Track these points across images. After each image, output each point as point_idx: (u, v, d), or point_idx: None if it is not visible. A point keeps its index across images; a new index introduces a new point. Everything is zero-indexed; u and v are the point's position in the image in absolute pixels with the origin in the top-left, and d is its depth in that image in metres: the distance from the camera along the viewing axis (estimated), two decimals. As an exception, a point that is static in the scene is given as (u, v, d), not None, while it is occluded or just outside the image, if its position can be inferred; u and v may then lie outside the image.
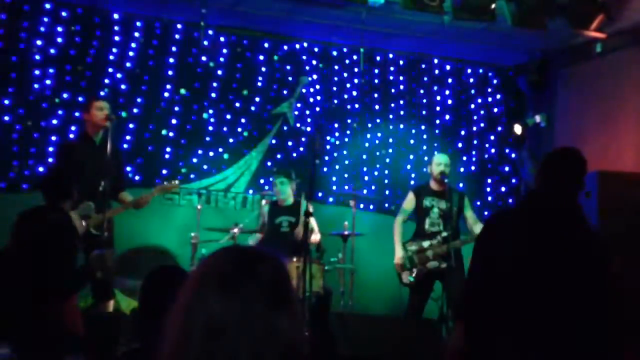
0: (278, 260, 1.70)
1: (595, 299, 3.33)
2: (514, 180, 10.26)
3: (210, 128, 9.21)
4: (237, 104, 9.33)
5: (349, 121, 9.81)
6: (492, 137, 10.36)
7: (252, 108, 9.41)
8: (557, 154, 3.90)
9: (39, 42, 8.54)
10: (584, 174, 3.64)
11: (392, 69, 10.10)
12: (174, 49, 9.12)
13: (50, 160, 8.32)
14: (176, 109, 9.07)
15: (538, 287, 3.28)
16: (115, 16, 8.88)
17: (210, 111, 9.20)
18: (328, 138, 9.66)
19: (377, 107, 9.98)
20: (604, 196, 7.22)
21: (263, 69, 9.52)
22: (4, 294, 4.84)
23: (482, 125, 10.37)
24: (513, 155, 10.28)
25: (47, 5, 8.61)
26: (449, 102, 10.31)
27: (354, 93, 9.88)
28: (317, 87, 9.74)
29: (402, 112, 10.08)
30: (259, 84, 9.49)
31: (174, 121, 9.04)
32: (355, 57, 9.82)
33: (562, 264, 3.33)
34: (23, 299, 4.74)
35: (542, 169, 3.76)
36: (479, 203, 9.64)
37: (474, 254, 3.73)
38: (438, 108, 10.26)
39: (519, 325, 3.27)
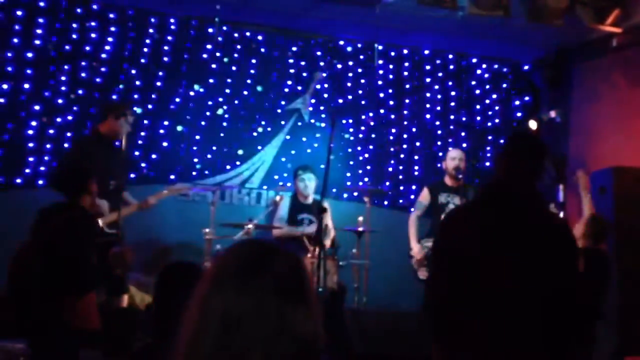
0: (294, 254, 1.70)
1: (565, 287, 3.27)
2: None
3: (225, 124, 9.22)
4: (252, 100, 9.34)
5: (363, 117, 9.80)
6: (508, 133, 10.31)
7: (267, 104, 9.42)
8: (513, 141, 3.83)
9: (54, 39, 8.59)
10: (542, 159, 3.54)
11: (406, 64, 10.07)
12: (188, 45, 9.14)
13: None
14: (190, 105, 9.09)
15: (507, 279, 3.21)
16: (130, 12, 8.91)
17: (225, 107, 9.22)
18: (342, 134, 9.65)
19: (391, 102, 9.96)
20: (620, 191, 7.20)
21: (277, 65, 9.52)
22: (22, 289, 4.86)
23: (497, 121, 10.32)
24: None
25: (62, 2, 8.65)
26: (464, 97, 10.27)
27: (368, 89, 9.87)
28: (332, 82, 9.74)
29: (416, 108, 10.06)
30: (274, 79, 9.49)
31: (188, 117, 9.06)
32: (369, 53, 9.82)
33: (530, 253, 3.26)
34: (40, 294, 4.76)
35: (499, 156, 3.67)
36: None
37: (436, 252, 3.56)
38: (453, 104, 10.22)
39: (494, 321, 3.20)
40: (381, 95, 9.91)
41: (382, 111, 9.90)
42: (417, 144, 9.99)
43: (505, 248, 3.25)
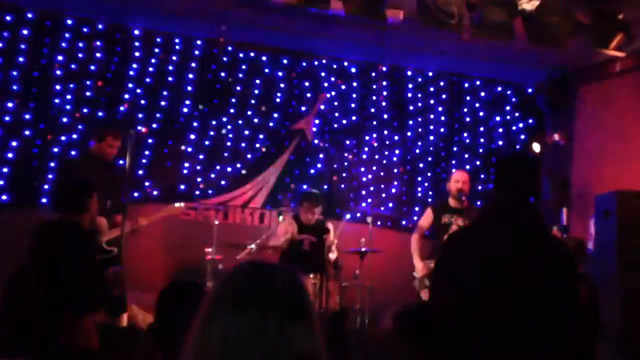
0: (292, 272, 1.71)
1: (566, 312, 3.25)
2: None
3: (229, 144, 9.24)
4: (256, 120, 9.37)
5: (366, 138, 9.81)
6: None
7: (271, 124, 9.45)
8: (507, 161, 3.83)
9: (60, 58, 8.63)
10: (537, 177, 3.54)
11: (410, 86, 10.09)
12: (193, 64, 9.18)
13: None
14: (195, 124, 9.12)
15: (510, 305, 3.20)
16: (136, 32, 8.96)
17: (229, 127, 9.24)
18: (346, 155, 9.66)
19: (395, 124, 9.98)
20: (624, 215, 7.16)
21: (282, 85, 9.56)
22: (20, 309, 4.85)
23: (500, 143, 10.32)
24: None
25: (69, 21, 8.70)
26: (467, 119, 10.29)
27: (372, 110, 9.89)
28: (336, 103, 9.76)
29: (420, 129, 10.07)
30: (278, 100, 9.52)
31: (192, 137, 9.08)
32: (373, 74, 9.85)
33: (532, 278, 3.25)
34: (39, 314, 4.74)
35: (495, 178, 3.67)
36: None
37: (438, 275, 3.50)
38: (456, 125, 10.24)
39: (493, 345, 3.19)
40: (385, 116, 9.93)
41: (385, 132, 9.91)
42: (421, 165, 10.00)
43: (508, 273, 3.24)
